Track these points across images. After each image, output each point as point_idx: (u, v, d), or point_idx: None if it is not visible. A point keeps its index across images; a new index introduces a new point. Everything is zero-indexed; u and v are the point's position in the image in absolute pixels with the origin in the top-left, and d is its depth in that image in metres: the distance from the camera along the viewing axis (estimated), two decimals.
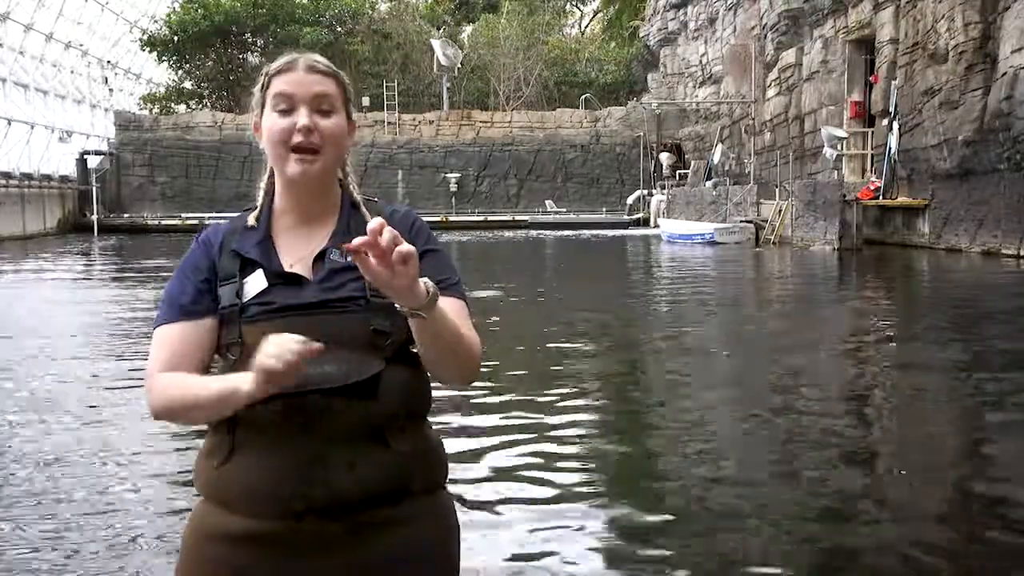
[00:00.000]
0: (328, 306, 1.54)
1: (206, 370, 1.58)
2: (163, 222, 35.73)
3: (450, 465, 1.71)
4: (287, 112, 1.58)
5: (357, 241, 1.32)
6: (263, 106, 1.61)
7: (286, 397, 1.48)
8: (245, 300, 1.56)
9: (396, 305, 1.42)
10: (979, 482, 4.56)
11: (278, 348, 1.37)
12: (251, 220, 1.64)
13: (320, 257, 1.59)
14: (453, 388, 4.94)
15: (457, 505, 1.72)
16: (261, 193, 1.68)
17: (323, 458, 1.50)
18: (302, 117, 1.56)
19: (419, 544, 1.57)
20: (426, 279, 1.41)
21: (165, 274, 16.60)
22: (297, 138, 1.56)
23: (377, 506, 1.53)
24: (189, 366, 1.56)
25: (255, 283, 1.57)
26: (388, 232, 1.33)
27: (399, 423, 1.56)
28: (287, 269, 1.59)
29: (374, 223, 1.34)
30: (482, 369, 1.63)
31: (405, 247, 1.34)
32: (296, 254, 1.61)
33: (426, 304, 1.41)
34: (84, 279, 16.90)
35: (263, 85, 1.62)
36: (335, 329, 1.52)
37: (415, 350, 1.55)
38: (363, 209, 1.66)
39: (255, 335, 1.51)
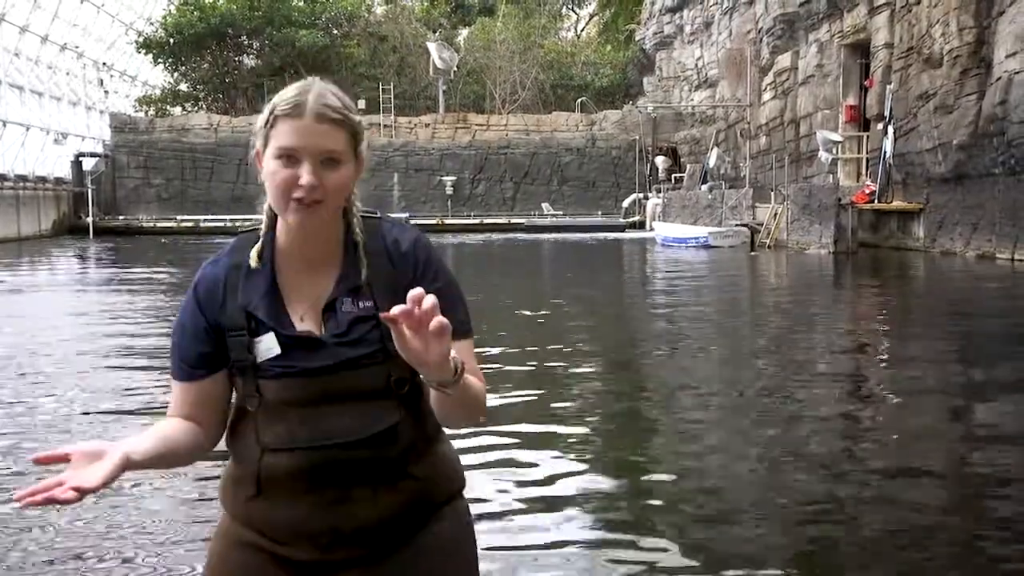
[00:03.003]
0: (348, 364, 1.52)
1: (223, 410, 1.62)
2: (159, 224, 35.69)
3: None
4: (291, 162, 1.49)
5: (395, 310, 1.28)
6: (266, 142, 1.52)
7: (309, 450, 1.53)
8: (260, 360, 1.54)
9: (421, 376, 1.41)
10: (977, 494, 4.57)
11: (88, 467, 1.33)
12: (253, 259, 1.57)
13: (329, 306, 1.55)
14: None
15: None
16: (264, 223, 1.60)
17: (348, 497, 1.54)
18: (305, 174, 1.47)
19: (441, 543, 1.62)
20: (455, 355, 1.37)
21: (162, 279, 16.57)
22: (299, 193, 1.48)
23: (401, 525, 1.58)
24: (195, 416, 1.59)
25: (268, 346, 1.54)
26: (427, 301, 1.28)
27: (416, 452, 1.59)
28: (298, 325, 1.55)
29: (414, 292, 1.28)
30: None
31: (443, 320, 1.29)
32: (305, 302, 1.56)
33: (453, 380, 1.39)
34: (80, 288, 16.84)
35: (268, 121, 1.52)
36: (353, 385, 1.53)
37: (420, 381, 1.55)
38: (361, 248, 1.58)
39: (273, 390, 1.54)
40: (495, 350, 8.26)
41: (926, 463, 4.97)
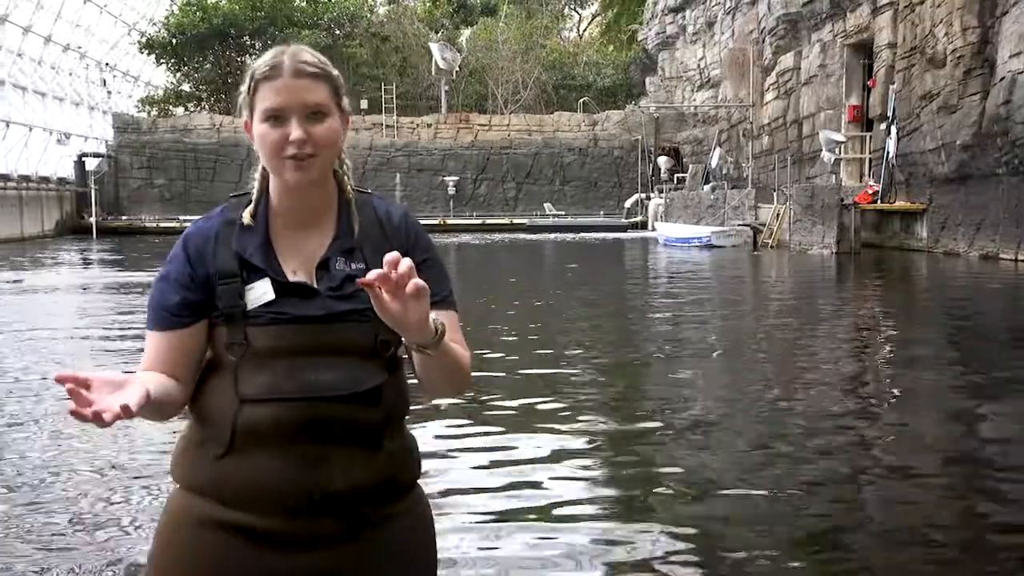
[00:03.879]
0: (336, 318, 1.54)
1: (197, 368, 1.59)
2: (161, 224, 35.69)
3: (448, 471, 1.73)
4: (278, 122, 1.53)
5: (371, 275, 1.32)
6: (252, 109, 1.57)
7: (293, 401, 1.52)
8: (251, 308, 1.55)
9: (402, 340, 1.44)
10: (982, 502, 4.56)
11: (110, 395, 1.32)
12: (247, 218, 1.61)
13: (323, 264, 1.58)
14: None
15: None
16: (255, 187, 1.64)
17: (324, 459, 1.52)
18: (294, 129, 1.51)
19: (402, 534, 1.62)
20: (435, 316, 1.42)
21: None
22: (291, 150, 1.52)
23: (367, 503, 1.57)
24: (173, 369, 1.57)
25: (261, 292, 1.55)
26: (404, 264, 1.33)
27: (392, 425, 1.60)
28: (291, 277, 1.57)
29: (390, 256, 1.33)
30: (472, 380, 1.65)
31: (419, 282, 1.33)
32: (297, 258, 1.59)
33: (434, 342, 1.43)
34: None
35: (249, 88, 1.57)
36: (342, 339, 1.54)
37: (403, 355, 1.59)
38: (354, 208, 1.63)
39: (262, 338, 1.54)
40: (497, 353, 8.25)
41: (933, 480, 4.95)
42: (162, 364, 1.57)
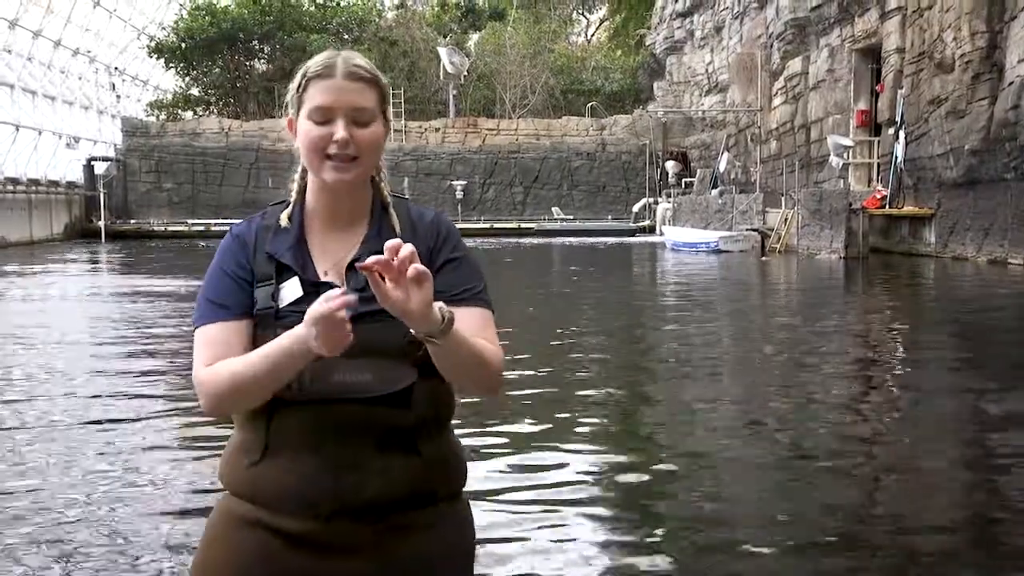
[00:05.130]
0: (364, 317, 1.51)
1: None
2: (170, 228, 35.82)
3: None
4: (324, 121, 1.55)
5: (370, 260, 1.33)
6: (299, 106, 1.58)
7: (323, 403, 1.51)
8: (281, 306, 1.55)
9: (411, 330, 1.42)
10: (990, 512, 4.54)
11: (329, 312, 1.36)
12: (284, 219, 1.62)
13: (352, 265, 1.58)
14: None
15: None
16: (294, 189, 1.66)
17: (355, 463, 1.52)
18: (339, 130, 1.54)
19: (441, 548, 1.60)
20: (442, 304, 1.41)
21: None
22: (334, 149, 1.54)
23: (404, 510, 1.56)
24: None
25: (291, 290, 1.56)
26: (405, 250, 1.34)
27: (428, 429, 1.58)
28: (322, 277, 1.58)
29: (391, 242, 1.34)
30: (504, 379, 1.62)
31: (420, 267, 1.34)
32: (329, 259, 1.60)
33: (440, 330, 1.41)
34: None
35: (300, 85, 1.59)
36: (371, 338, 1.51)
37: None
38: (391, 212, 1.66)
39: None
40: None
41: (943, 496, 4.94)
42: (221, 356, 1.53)
